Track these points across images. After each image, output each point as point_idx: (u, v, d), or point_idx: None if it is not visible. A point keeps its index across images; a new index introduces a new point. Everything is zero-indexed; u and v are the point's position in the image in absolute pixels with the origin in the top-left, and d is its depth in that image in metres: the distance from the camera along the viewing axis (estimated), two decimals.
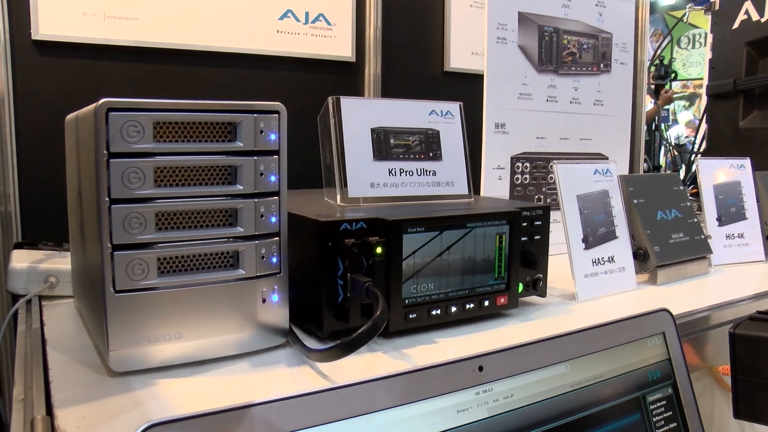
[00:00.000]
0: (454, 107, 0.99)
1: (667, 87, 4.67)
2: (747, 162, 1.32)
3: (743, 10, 1.84)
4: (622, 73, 1.37)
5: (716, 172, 1.29)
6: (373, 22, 1.80)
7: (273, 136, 0.70)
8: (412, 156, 0.93)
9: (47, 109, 1.37)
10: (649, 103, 4.64)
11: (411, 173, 0.93)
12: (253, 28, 1.63)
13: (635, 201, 1.09)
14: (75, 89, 1.40)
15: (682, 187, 1.19)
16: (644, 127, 2.30)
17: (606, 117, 1.36)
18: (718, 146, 1.95)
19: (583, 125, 1.32)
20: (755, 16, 1.79)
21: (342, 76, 1.79)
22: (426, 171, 0.94)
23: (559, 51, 1.27)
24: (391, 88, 1.83)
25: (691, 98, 6.97)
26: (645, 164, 4.67)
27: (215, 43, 1.56)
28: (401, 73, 1.88)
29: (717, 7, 1.97)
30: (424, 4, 1.91)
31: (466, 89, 1.81)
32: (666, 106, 4.80)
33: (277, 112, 0.70)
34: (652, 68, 4.63)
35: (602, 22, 1.33)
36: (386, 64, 1.84)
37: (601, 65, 1.34)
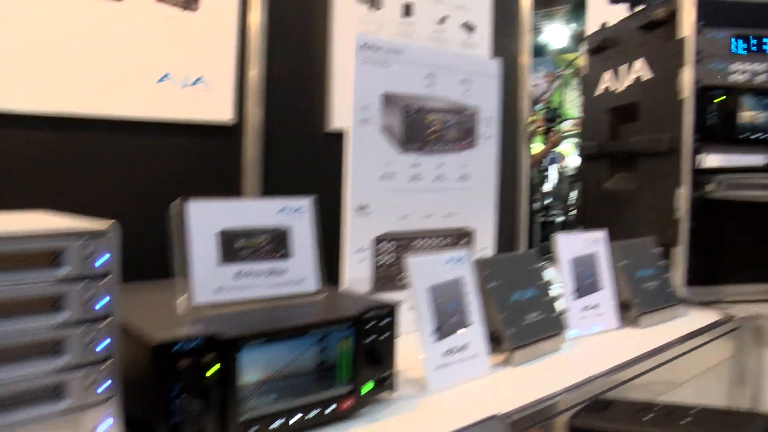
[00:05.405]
0: (305, 202, 1.00)
1: (556, 129, 4.87)
2: (602, 234, 1.39)
3: (604, 79, 1.94)
4: (488, 147, 1.42)
5: (573, 246, 1.35)
6: (255, 84, 1.80)
7: (103, 259, 0.69)
8: (261, 256, 0.94)
9: None
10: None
11: (259, 275, 0.93)
12: (128, 92, 1.60)
13: (490, 285, 1.13)
14: None
15: (538, 265, 1.24)
16: (526, 195, 2.39)
17: (471, 191, 1.40)
18: (589, 203, 2.05)
19: (447, 201, 1.36)
20: (613, 86, 1.89)
21: (222, 140, 1.78)
22: (275, 270, 0.95)
23: (423, 130, 1.30)
24: (273, 151, 1.83)
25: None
26: (536, 203, 4.86)
27: (86, 108, 1.52)
28: (284, 135, 1.88)
29: (584, 72, 2.07)
30: (308, 63, 1.92)
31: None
32: (554, 149, 5.01)
33: (108, 232, 0.69)
34: (543, 110, 4.85)
35: (468, 97, 1.38)
36: (268, 126, 1.84)
37: (467, 141, 1.38)
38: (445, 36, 2.20)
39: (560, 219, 4.94)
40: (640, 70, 1.75)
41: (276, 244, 0.96)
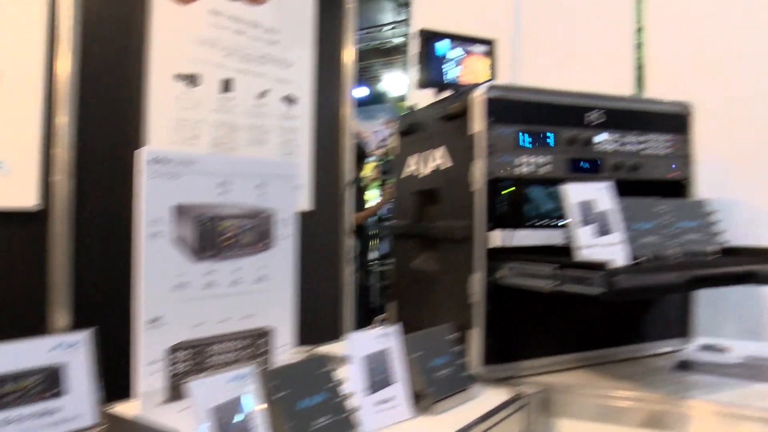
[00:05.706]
0: (82, 336, 1.01)
1: (390, 182, 5.05)
2: (393, 329, 1.47)
3: (410, 162, 2.05)
4: (285, 247, 1.47)
5: (365, 344, 1.41)
6: (63, 165, 1.77)
7: None
8: (30, 399, 0.94)
9: None
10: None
11: (28, 419, 0.93)
12: None
13: (277, 395, 1.17)
14: None
15: (326, 368, 1.30)
16: (349, 286, 2.47)
17: (269, 292, 1.45)
18: (400, 281, 2.14)
19: (245, 304, 1.40)
20: (418, 170, 2.00)
21: (27, 228, 1.73)
22: (47, 411, 0.95)
23: (216, 237, 1.33)
24: (83, 236, 1.80)
25: None
26: (373, 253, 5.01)
27: None
28: (94, 220, 1.85)
29: (395, 153, 2.17)
30: (123, 143, 1.90)
31: None
32: (390, 200, 5.18)
33: None
34: (379, 163, 5.03)
35: (264, 201, 1.43)
36: (79, 211, 1.80)
37: (263, 243, 1.43)
38: (265, 110, 2.26)
39: None
40: (440, 158, 1.87)
41: (48, 383, 0.96)
